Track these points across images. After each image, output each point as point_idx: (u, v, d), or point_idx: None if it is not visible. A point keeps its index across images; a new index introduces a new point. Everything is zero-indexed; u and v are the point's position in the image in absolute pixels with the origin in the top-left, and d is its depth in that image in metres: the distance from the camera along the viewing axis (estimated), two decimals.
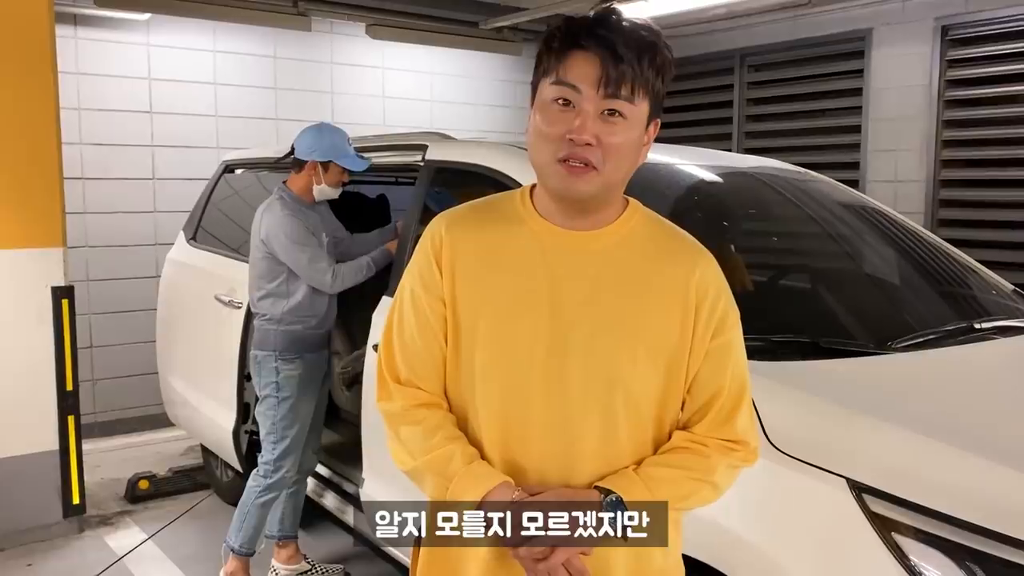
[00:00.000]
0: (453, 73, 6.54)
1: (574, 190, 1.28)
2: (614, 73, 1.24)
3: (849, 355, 2.19)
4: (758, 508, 1.83)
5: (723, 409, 1.36)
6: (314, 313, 3.17)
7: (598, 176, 1.27)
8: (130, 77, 5.28)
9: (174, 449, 4.97)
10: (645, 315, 1.32)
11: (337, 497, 3.45)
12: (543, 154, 1.29)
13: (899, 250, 3.02)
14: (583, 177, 1.26)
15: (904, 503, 1.66)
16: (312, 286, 3.13)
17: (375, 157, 3.63)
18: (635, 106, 1.26)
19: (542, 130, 1.28)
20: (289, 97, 5.85)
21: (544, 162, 1.29)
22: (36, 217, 3.69)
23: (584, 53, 1.25)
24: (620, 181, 1.32)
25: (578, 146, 1.25)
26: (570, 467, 1.31)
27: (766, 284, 2.70)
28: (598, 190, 1.29)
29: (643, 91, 1.27)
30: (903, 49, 5.16)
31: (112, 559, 3.58)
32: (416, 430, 1.35)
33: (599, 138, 1.25)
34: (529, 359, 1.31)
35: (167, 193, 5.41)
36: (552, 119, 1.27)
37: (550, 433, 1.31)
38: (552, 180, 1.29)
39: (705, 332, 1.33)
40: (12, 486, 3.68)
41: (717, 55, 6.13)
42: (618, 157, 1.27)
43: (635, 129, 1.28)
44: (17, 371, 3.69)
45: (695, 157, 3.12)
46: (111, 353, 5.31)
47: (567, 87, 1.26)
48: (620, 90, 1.24)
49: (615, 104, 1.25)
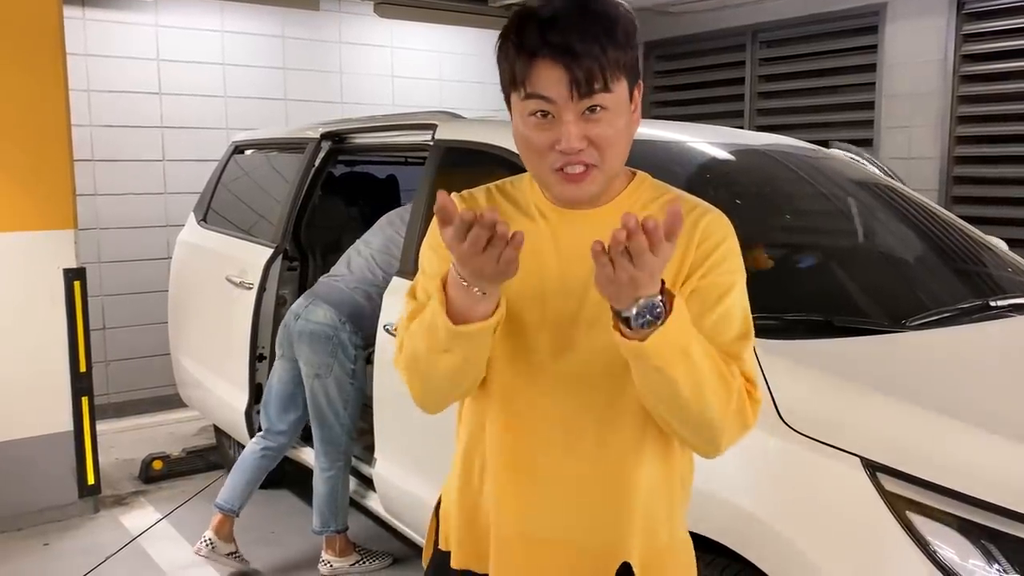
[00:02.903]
0: (462, 52, 6.50)
1: (579, 194, 1.27)
2: (581, 74, 1.19)
3: (863, 333, 2.18)
4: (770, 487, 1.83)
5: (726, 345, 1.26)
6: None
7: (599, 172, 1.25)
8: (139, 58, 5.28)
9: (187, 430, 5.00)
10: None
11: (354, 479, 3.46)
12: (537, 166, 1.27)
13: (913, 227, 2.99)
14: (585, 180, 1.25)
15: (919, 482, 1.65)
16: None
17: (384, 137, 3.62)
18: (613, 92, 1.23)
19: (529, 142, 1.26)
20: (298, 77, 5.83)
21: (541, 173, 1.28)
22: (47, 199, 3.70)
23: (545, 61, 1.21)
24: (621, 164, 1.30)
25: (571, 154, 1.23)
26: (575, 439, 1.31)
27: (779, 262, 2.67)
28: (602, 186, 1.28)
29: (616, 74, 1.22)
30: (918, 23, 5.09)
31: (127, 539, 3.61)
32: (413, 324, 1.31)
33: (588, 138, 1.23)
34: (538, 339, 1.31)
35: (177, 174, 5.42)
36: (536, 132, 1.24)
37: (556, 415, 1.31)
38: (554, 190, 1.28)
39: (696, 267, 1.27)
40: (28, 467, 3.72)
41: (728, 32, 6.06)
42: (613, 147, 1.25)
43: (621, 113, 1.25)
44: (31, 353, 3.71)
45: (707, 135, 3.10)
46: (123, 334, 5.34)
47: (540, 100, 1.22)
48: (594, 86, 1.20)
49: (594, 100, 1.21)
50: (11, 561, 3.45)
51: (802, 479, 1.80)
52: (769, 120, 5.91)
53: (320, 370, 3.18)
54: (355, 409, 3.26)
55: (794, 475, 1.81)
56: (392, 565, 3.40)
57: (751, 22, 5.92)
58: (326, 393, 3.19)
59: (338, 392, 3.19)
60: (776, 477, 1.82)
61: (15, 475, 3.69)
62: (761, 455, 1.84)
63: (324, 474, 3.25)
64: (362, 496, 3.39)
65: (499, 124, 3.01)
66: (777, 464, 1.82)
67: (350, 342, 3.18)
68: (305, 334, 3.19)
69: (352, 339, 3.18)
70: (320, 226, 3.94)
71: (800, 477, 1.80)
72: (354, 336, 3.19)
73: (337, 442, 3.23)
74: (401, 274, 3.00)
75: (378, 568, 3.37)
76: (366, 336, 3.19)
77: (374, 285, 3.23)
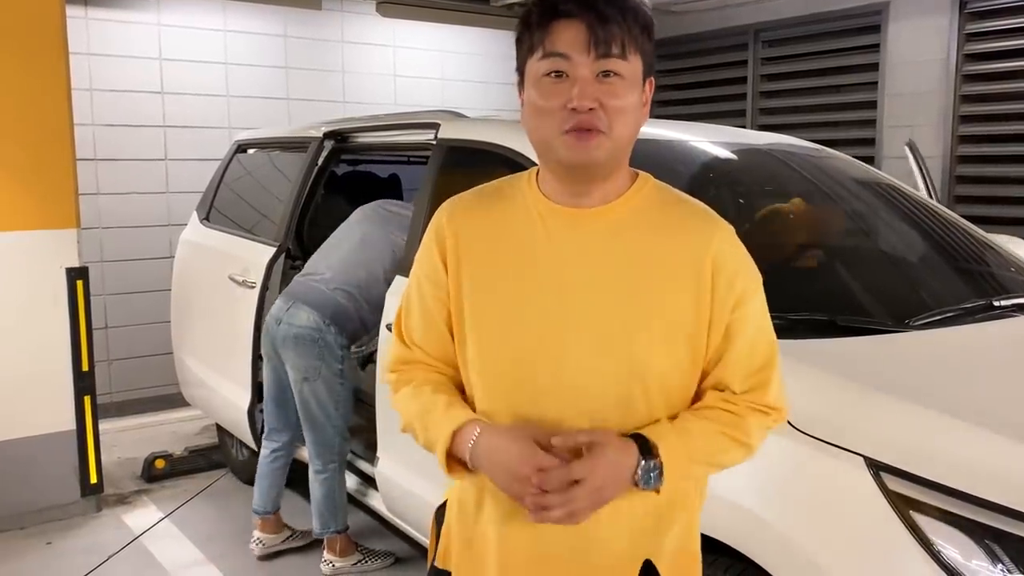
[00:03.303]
0: (464, 51, 6.49)
1: (585, 157, 1.24)
2: (602, 33, 1.21)
3: (866, 333, 2.18)
4: (774, 487, 1.82)
5: (751, 375, 1.33)
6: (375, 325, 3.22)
7: (607, 139, 1.23)
8: (141, 57, 5.28)
9: (189, 429, 5.00)
10: (659, 291, 1.28)
11: (355, 477, 3.47)
12: (545, 129, 1.25)
13: (916, 227, 2.99)
14: (592, 142, 1.23)
15: (922, 481, 1.64)
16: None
17: (387, 136, 3.62)
18: (629, 63, 1.23)
19: (540, 105, 1.25)
20: (300, 77, 5.83)
21: (548, 136, 1.25)
22: (50, 198, 3.70)
23: (567, 20, 1.22)
24: (627, 144, 1.29)
25: (581, 113, 1.21)
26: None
27: (781, 262, 2.67)
28: (608, 155, 1.25)
29: (633, 47, 1.23)
30: (920, 23, 5.09)
31: (130, 537, 3.61)
32: (407, 389, 1.38)
33: (600, 101, 1.22)
34: (538, 344, 1.29)
35: (180, 173, 5.42)
36: (548, 92, 1.24)
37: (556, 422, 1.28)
38: (560, 152, 1.25)
39: (724, 305, 1.29)
40: (31, 465, 3.72)
41: (730, 31, 6.06)
42: (623, 118, 1.24)
43: (634, 88, 1.25)
44: (34, 352, 3.72)
45: (709, 134, 3.09)
46: (126, 333, 5.34)
47: (557, 57, 1.22)
48: (612, 48, 1.21)
49: (610, 64, 1.22)
50: (14, 560, 3.45)
51: (808, 480, 1.80)
52: (771, 119, 5.91)
53: (308, 373, 3.16)
54: (347, 409, 3.26)
55: (800, 475, 1.81)
56: (394, 564, 3.40)
57: (753, 21, 5.92)
58: (316, 396, 3.18)
59: (328, 394, 3.18)
60: (780, 477, 1.82)
61: (18, 474, 3.70)
62: (765, 455, 1.84)
63: (319, 476, 3.25)
64: (364, 495, 3.39)
65: (502, 123, 3.01)
66: (783, 464, 1.82)
67: (336, 343, 3.16)
68: (289, 338, 3.16)
69: (338, 340, 3.16)
70: (322, 225, 3.94)
71: (806, 477, 1.80)
72: (339, 337, 3.17)
73: (330, 443, 3.23)
74: (403, 272, 3.00)
75: (380, 567, 3.37)
76: (350, 336, 3.19)
77: (355, 285, 3.20)
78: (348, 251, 3.28)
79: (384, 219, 3.33)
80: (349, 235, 3.35)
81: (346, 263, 3.25)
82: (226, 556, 3.47)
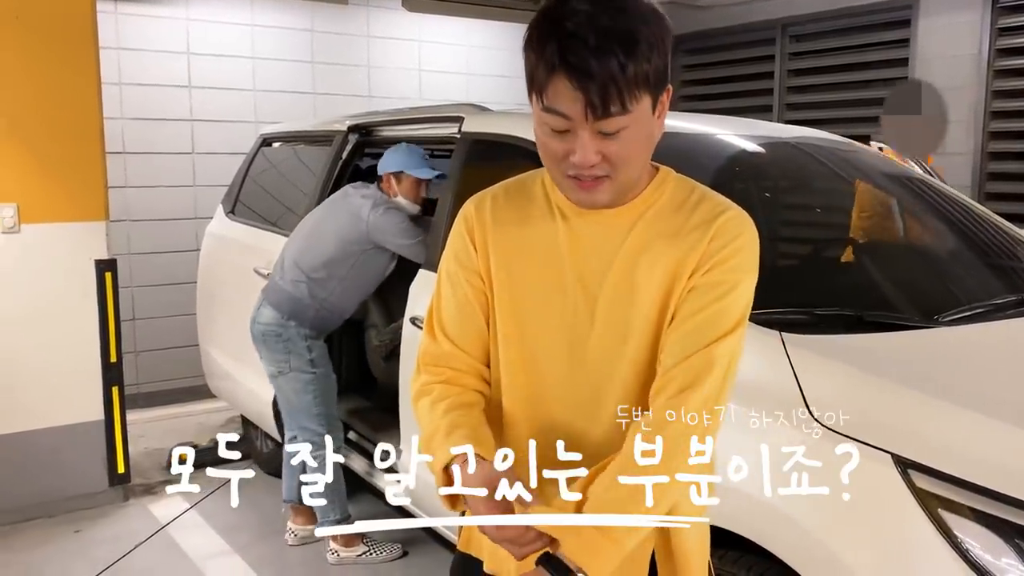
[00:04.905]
0: (489, 45, 6.49)
1: (591, 201, 1.26)
2: (597, 99, 1.15)
3: (894, 329, 2.15)
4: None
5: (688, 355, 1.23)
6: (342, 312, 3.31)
7: (612, 184, 1.24)
8: (169, 52, 5.33)
9: (215, 420, 5.05)
10: (677, 287, 1.27)
11: (367, 462, 3.49)
12: (552, 169, 1.27)
13: (945, 221, 2.95)
14: (597, 189, 1.24)
15: (951, 479, 1.62)
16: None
17: (411, 130, 3.63)
18: (632, 111, 1.18)
19: (546, 147, 1.24)
20: (326, 71, 5.86)
21: (555, 176, 1.27)
22: (80, 191, 3.75)
23: (563, 79, 1.16)
24: (637, 174, 1.28)
25: (583, 168, 1.21)
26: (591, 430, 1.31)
27: (809, 256, 2.65)
28: (615, 195, 1.26)
29: (636, 90, 1.16)
30: (951, 18, 5.01)
31: (156, 527, 3.65)
32: (425, 403, 1.37)
33: (603, 155, 1.20)
34: (555, 336, 1.31)
35: (206, 167, 5.46)
36: (551, 139, 1.23)
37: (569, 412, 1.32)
38: (567, 193, 1.28)
39: (702, 264, 1.25)
40: (60, 455, 3.77)
41: (757, 25, 6.01)
42: (628, 163, 1.23)
43: (640, 128, 1.21)
44: (64, 343, 3.77)
45: (736, 127, 3.07)
46: (153, 325, 5.40)
47: (557, 116, 1.19)
48: (610, 108, 1.16)
49: (609, 124, 1.18)
50: (43, 547, 3.50)
51: (831, 476, 1.78)
52: (798, 115, 5.85)
53: (280, 367, 3.28)
54: (326, 396, 3.29)
55: (823, 471, 1.78)
56: (402, 557, 3.42)
57: (780, 16, 5.86)
58: (291, 387, 3.28)
59: (301, 384, 3.26)
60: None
61: (48, 463, 3.75)
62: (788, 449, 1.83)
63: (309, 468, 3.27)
64: (372, 477, 3.40)
65: (526, 117, 2.98)
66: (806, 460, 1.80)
67: (299, 335, 3.25)
68: (259, 337, 3.30)
69: (300, 331, 3.25)
70: None
71: (829, 474, 1.78)
72: (300, 328, 3.25)
73: (313, 432, 3.26)
74: (428, 266, 3.01)
75: (386, 559, 3.40)
76: (312, 324, 3.26)
77: (305, 273, 3.27)
78: (298, 242, 3.37)
79: (333, 201, 3.38)
80: (302, 228, 3.43)
81: (297, 253, 3.33)
82: (251, 546, 3.50)
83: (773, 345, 1.94)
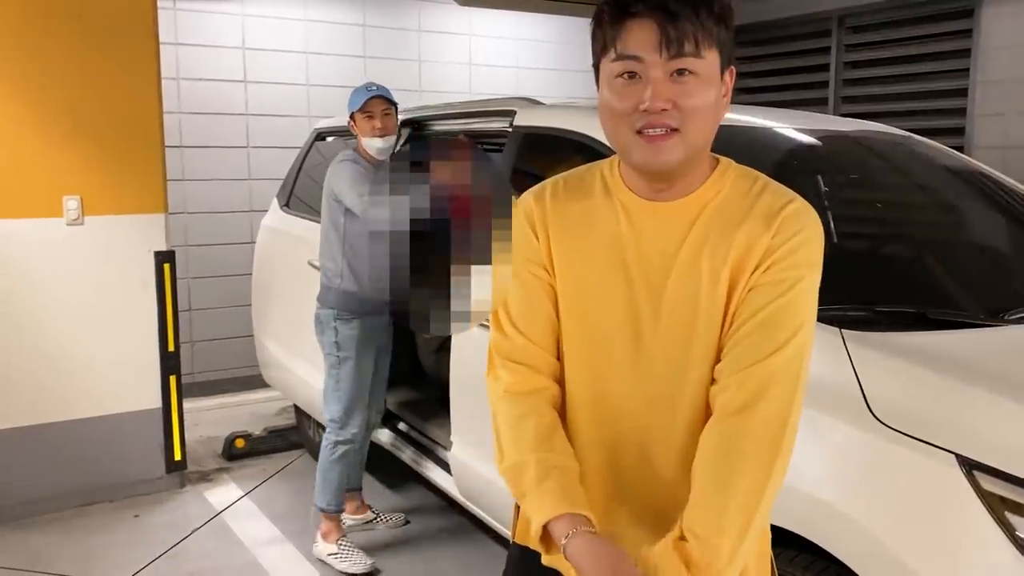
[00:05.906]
0: (540, 39, 6.48)
1: (659, 160, 1.22)
2: (673, 32, 1.17)
3: (958, 327, 2.10)
4: (859, 482, 1.78)
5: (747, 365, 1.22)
6: (356, 273, 3.30)
7: (681, 140, 1.21)
8: (225, 47, 5.42)
9: (268, 409, 5.13)
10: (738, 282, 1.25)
11: (416, 451, 3.52)
12: (620, 130, 1.24)
13: (1011, 217, 2.87)
14: (667, 143, 1.20)
15: (1018, 481, 1.58)
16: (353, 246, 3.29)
17: (463, 123, 3.63)
18: (704, 60, 1.19)
19: (613, 107, 1.23)
20: (378, 65, 5.90)
21: (623, 138, 1.24)
22: (141, 184, 3.84)
23: (637, 20, 1.19)
24: (705, 143, 1.26)
25: (653, 114, 1.19)
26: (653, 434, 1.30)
27: (869, 252, 2.60)
28: (683, 155, 1.22)
29: (708, 42, 1.19)
30: (1018, 6, 4.86)
31: (211, 513, 3.73)
32: (509, 411, 1.34)
33: (674, 101, 1.19)
34: (618, 329, 1.30)
35: (261, 161, 5.55)
36: (621, 94, 1.22)
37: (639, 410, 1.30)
38: (635, 154, 1.24)
39: (764, 260, 1.22)
40: (120, 441, 3.87)
41: (813, 17, 5.90)
42: (698, 118, 1.21)
43: (710, 85, 1.21)
44: (124, 332, 3.86)
45: (794, 120, 3.02)
46: (208, 316, 5.51)
47: (629, 59, 1.20)
48: (684, 47, 1.18)
49: (683, 63, 1.18)
50: (105, 531, 3.60)
51: (893, 475, 1.75)
52: (854, 108, 5.74)
53: (322, 350, 3.39)
54: (348, 381, 3.31)
55: (884, 471, 1.75)
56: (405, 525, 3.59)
57: (836, 7, 5.75)
58: (327, 371, 3.36)
59: (327, 367, 3.35)
60: (865, 472, 1.77)
61: (109, 448, 3.85)
62: (848, 449, 1.80)
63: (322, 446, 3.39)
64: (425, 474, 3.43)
65: (578, 110, 2.99)
66: (865, 458, 1.77)
67: (328, 317, 3.32)
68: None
69: (327, 313, 3.32)
70: None
71: (891, 473, 1.75)
72: (323, 310, 3.34)
73: (330, 417, 3.34)
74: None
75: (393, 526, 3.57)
76: (334, 304, 3.30)
77: (324, 255, 3.36)
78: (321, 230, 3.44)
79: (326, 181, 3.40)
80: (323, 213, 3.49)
81: (321, 241, 3.42)
82: (303, 534, 3.55)
83: (833, 342, 1.91)
